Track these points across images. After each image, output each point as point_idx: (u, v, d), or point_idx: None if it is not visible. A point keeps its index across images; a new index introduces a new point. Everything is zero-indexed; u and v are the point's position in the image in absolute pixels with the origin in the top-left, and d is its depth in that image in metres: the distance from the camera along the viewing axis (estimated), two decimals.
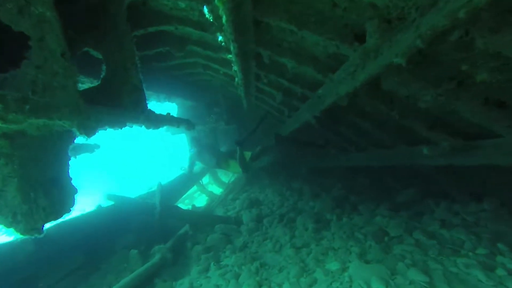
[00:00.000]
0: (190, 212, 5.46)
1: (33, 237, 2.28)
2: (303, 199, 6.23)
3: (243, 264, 3.66)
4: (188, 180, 7.67)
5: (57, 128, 2.00)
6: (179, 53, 4.23)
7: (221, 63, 4.99)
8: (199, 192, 12.05)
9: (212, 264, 3.94)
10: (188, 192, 13.05)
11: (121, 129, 2.88)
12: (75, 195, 2.61)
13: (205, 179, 13.31)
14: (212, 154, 6.16)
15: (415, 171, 5.14)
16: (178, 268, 4.01)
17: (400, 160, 3.82)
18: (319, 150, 6.54)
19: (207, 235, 5.00)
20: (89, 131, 1.96)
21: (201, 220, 5.39)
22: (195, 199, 12.73)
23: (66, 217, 4.19)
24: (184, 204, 11.67)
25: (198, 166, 9.80)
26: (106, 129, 2.65)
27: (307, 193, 6.36)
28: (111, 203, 4.61)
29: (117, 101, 2.51)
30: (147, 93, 5.64)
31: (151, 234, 4.59)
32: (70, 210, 2.56)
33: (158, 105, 8.85)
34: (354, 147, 5.03)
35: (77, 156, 3.82)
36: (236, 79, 4.78)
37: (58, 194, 2.41)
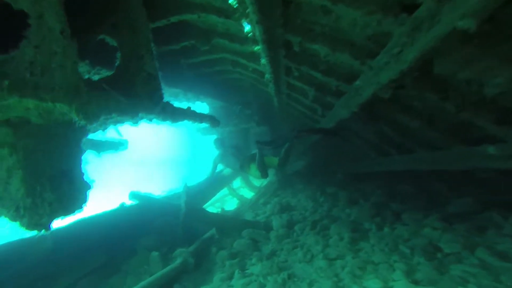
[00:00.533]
0: (217, 216, 5.23)
1: (40, 233, 2.15)
2: (338, 205, 5.73)
3: (269, 274, 3.31)
4: (217, 182, 7.50)
5: (58, 116, 1.83)
6: (205, 47, 4.04)
7: (250, 58, 4.73)
8: (230, 196, 11.90)
9: (236, 271, 3.64)
10: (219, 195, 12.98)
11: (134, 121, 2.69)
12: (87, 191, 2.45)
13: (237, 183, 13.17)
14: (236, 157, 5.84)
15: (469, 176, 4.45)
16: (200, 274, 3.76)
17: (455, 163, 3.25)
18: (330, 137, 6.04)
19: (234, 240, 4.73)
20: (90, 118, 1.77)
21: (229, 224, 5.13)
22: (226, 203, 12.61)
23: (87, 215, 4.18)
24: (214, 207, 11.59)
25: (228, 169, 9.64)
26: (115, 120, 2.47)
27: (343, 199, 5.84)
28: (135, 202, 4.53)
29: (130, 90, 2.32)
30: (174, 90, 5.56)
31: (174, 236, 4.42)
32: (82, 206, 2.40)
33: (189, 105, 8.87)
34: (397, 149, 4.47)
35: (101, 154, 3.75)
36: (266, 75, 4.49)
37: (68, 189, 2.25)
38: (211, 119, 3.57)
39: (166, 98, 5.37)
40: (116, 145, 4.31)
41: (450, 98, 2.53)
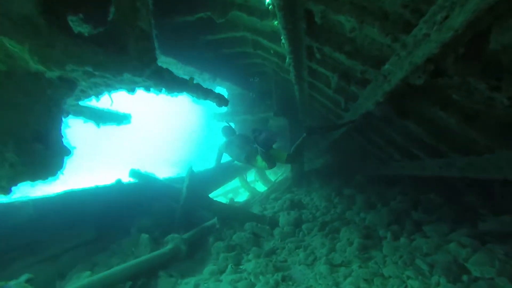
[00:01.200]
0: (221, 205, 4.93)
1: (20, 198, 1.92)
2: (353, 208, 5.26)
3: (262, 273, 2.96)
4: (227, 171, 7.18)
5: (21, 62, 1.56)
6: (221, 19, 3.72)
7: (271, 38, 4.36)
8: (243, 188, 11.63)
9: (230, 266, 3.33)
10: (232, 186, 12.75)
11: (126, 86, 2.42)
12: (65, 157, 2.21)
13: (251, 177, 12.87)
14: (242, 148, 5.46)
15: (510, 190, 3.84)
16: (192, 263, 3.48)
17: (497, 172, 2.72)
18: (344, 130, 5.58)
19: (235, 232, 4.41)
20: (50, 64, 1.48)
21: (232, 215, 4.82)
22: (239, 195, 12.36)
23: (79, 187, 4.02)
24: (225, 198, 11.37)
25: None
26: (104, 83, 2.20)
27: (359, 202, 5.35)
28: (135, 180, 4.32)
29: (119, 46, 2.02)
30: (189, 69, 5.30)
31: (172, 220, 4.18)
32: (56, 173, 2.16)
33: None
34: (426, 151, 3.94)
35: (100, 125, 3.55)
36: (287, 58, 4.10)
37: (41, 153, 2.01)
38: (218, 97, 3.24)
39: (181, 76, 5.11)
40: (119, 118, 4.11)
41: (504, 88, 2.04)
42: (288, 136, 7.49)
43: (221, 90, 8.22)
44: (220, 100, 3.42)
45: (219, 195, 11.06)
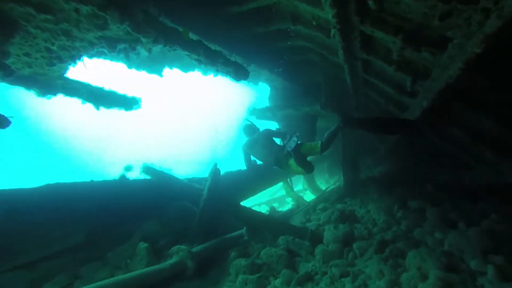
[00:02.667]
0: (251, 212, 4.13)
1: None
2: (423, 226, 4.04)
3: None
4: (268, 175, 6.32)
5: None
6: None
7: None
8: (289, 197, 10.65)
9: None
10: (277, 194, 11.83)
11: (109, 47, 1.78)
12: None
13: (299, 186, 11.84)
14: (268, 148, 4.63)
15: None
16: (200, 285, 2.72)
17: None
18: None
19: (264, 246, 3.57)
20: None
21: (265, 225, 3.99)
22: (286, 204, 11.35)
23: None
24: (269, 207, 10.50)
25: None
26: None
27: (432, 219, 4.11)
28: (147, 177, 3.76)
29: None
30: (214, 47, 4.67)
31: (186, 227, 3.49)
32: None
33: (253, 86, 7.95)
34: None
35: (99, 107, 3.06)
36: (331, 21, 3.20)
37: None
38: (232, 66, 2.48)
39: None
40: (127, 102, 3.61)
41: None
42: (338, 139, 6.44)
43: (265, 86, 7.53)
44: (237, 70, 2.67)
45: (262, 203, 10.24)
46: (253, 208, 8.76)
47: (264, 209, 7.74)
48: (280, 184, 8.87)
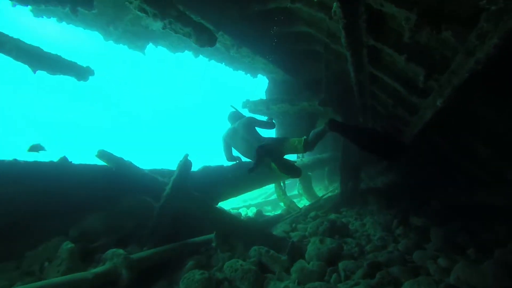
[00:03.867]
0: (224, 214, 3.58)
1: None
2: (426, 248, 3.47)
3: None
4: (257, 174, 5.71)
5: None
6: None
7: None
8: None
9: None
10: (271, 197, 11.23)
11: None
12: None
13: (292, 189, 11.25)
14: (249, 143, 4.23)
15: None
16: None
17: None
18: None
19: (232, 256, 3.03)
20: None
21: (239, 231, 3.45)
22: (280, 209, 10.70)
23: None
24: (263, 210, 9.89)
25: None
26: None
27: (437, 240, 3.55)
28: (101, 163, 3.22)
29: None
30: (224, 41, 4.10)
31: (140, 226, 2.96)
32: None
33: (250, 79, 7.40)
34: None
35: (36, 71, 2.56)
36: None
37: None
38: (194, 26, 1.95)
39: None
40: (78, 70, 3.07)
41: None
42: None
43: (264, 80, 6.99)
44: (198, 31, 2.14)
45: (251, 205, 9.65)
46: (240, 210, 8.20)
47: (251, 212, 7.18)
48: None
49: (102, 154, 3.07)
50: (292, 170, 4.30)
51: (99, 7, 3.96)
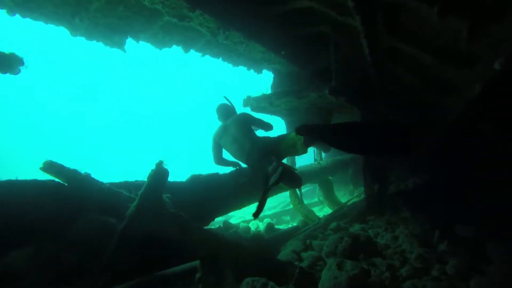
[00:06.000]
0: (210, 237, 2.84)
1: None
2: (487, 272, 2.57)
3: None
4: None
5: None
6: None
7: None
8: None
9: None
10: (292, 206, 10.35)
11: None
12: None
13: (310, 196, 10.35)
14: (241, 144, 3.88)
15: None
16: None
17: None
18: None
19: None
20: None
21: (229, 256, 2.70)
22: (299, 218, 9.72)
23: None
24: (281, 221, 9.01)
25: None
26: None
27: (501, 261, 2.63)
28: (52, 177, 2.57)
29: None
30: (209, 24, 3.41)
31: (91, 256, 2.29)
32: None
33: (253, 75, 6.73)
34: None
35: None
36: None
37: None
38: None
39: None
40: (9, 60, 2.50)
41: None
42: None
43: (269, 76, 6.27)
44: None
45: (266, 216, 8.82)
46: (252, 224, 7.42)
47: (264, 225, 6.40)
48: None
49: (49, 167, 2.45)
50: (292, 180, 3.62)
51: None
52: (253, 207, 7.12)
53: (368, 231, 4.51)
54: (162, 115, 54.95)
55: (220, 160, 4.60)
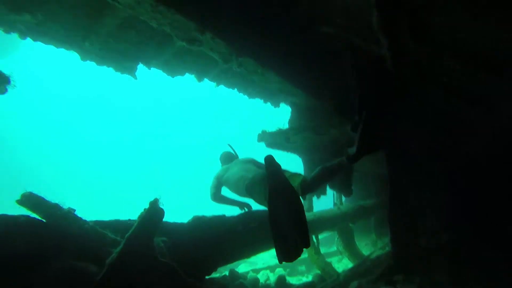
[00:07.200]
0: None
1: None
2: None
3: None
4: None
5: None
6: None
7: None
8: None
9: None
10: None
11: None
12: None
13: (331, 246, 9.47)
14: (247, 170, 3.85)
15: None
16: None
17: None
18: None
19: None
20: None
21: None
22: (313, 271, 8.75)
23: None
24: (296, 272, 8.12)
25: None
26: None
27: None
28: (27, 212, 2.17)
29: None
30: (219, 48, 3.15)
31: None
32: None
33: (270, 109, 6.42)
34: None
35: None
36: None
37: None
38: None
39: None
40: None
41: None
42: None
43: (286, 110, 5.95)
44: None
45: (278, 266, 8.02)
46: (260, 274, 6.69)
47: (275, 277, 5.70)
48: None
49: (26, 199, 2.09)
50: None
51: (67, 16, 3.35)
52: (263, 254, 6.48)
53: None
54: (171, 148, 52.13)
55: (218, 197, 4.37)
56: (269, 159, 3.15)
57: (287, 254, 3.16)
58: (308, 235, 3.45)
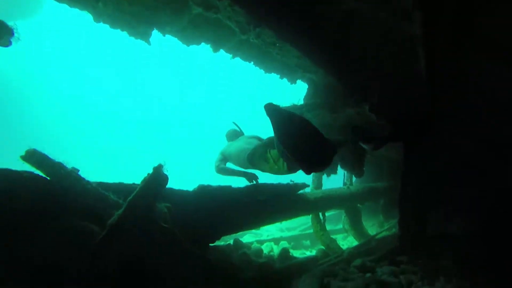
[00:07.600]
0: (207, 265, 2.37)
1: None
2: None
3: None
4: (280, 202, 4.30)
5: None
6: None
7: None
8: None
9: None
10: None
11: None
12: None
13: (337, 224, 9.57)
14: (249, 143, 4.13)
15: None
16: None
17: None
18: None
19: None
20: None
21: None
22: (317, 246, 8.91)
23: None
24: (300, 246, 8.31)
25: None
26: None
27: None
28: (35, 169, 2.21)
29: None
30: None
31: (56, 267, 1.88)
32: None
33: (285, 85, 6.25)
34: None
35: None
36: None
37: None
38: None
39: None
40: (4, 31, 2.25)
41: None
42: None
43: (303, 86, 5.79)
44: None
45: (283, 238, 8.19)
46: (265, 245, 6.85)
47: (279, 248, 5.84)
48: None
49: (29, 156, 2.13)
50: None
51: None
52: (269, 226, 6.58)
53: (400, 277, 3.86)
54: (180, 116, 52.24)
55: (222, 168, 4.49)
56: (269, 105, 3.27)
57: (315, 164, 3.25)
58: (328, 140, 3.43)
